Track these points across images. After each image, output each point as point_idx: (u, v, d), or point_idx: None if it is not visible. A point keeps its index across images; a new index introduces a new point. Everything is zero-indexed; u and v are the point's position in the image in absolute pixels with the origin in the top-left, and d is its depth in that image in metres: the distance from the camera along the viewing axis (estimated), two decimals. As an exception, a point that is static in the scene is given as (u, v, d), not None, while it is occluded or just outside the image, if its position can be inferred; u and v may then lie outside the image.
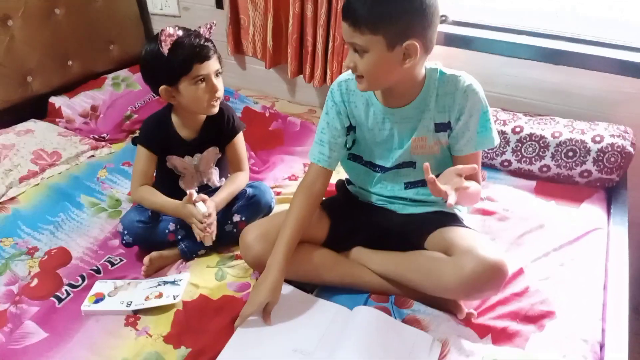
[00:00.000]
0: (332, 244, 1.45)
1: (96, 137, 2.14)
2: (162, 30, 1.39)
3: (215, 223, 1.43)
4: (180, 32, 1.39)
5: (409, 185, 1.44)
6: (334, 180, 1.54)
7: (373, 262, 1.40)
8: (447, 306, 1.31)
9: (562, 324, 1.30)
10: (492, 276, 1.20)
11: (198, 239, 1.44)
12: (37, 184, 1.84)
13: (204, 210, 1.39)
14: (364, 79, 1.23)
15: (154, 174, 1.56)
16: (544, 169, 1.86)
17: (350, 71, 1.36)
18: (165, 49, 1.37)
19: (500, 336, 1.27)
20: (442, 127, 1.32)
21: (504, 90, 2.07)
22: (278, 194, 1.79)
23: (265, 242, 1.35)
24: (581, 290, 1.40)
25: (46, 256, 1.53)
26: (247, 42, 2.45)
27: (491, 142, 1.32)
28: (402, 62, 1.18)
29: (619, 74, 1.88)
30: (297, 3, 2.17)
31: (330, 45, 2.18)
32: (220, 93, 1.46)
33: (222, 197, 1.50)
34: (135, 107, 2.28)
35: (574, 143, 1.80)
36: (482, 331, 1.28)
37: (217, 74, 1.45)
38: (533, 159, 1.86)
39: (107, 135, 2.15)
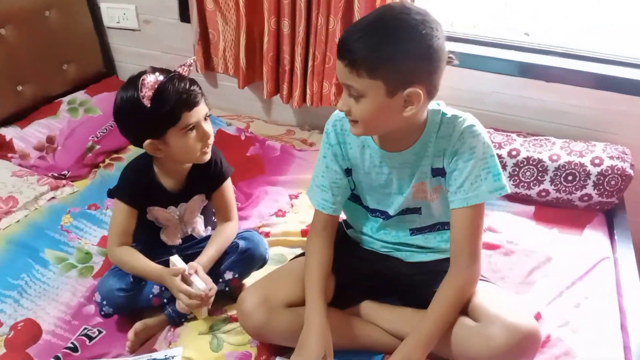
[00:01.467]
0: (340, 302, 1.32)
1: (55, 174, 1.92)
2: (140, 78, 1.21)
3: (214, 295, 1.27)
4: (161, 77, 1.22)
5: (415, 231, 1.33)
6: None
7: (384, 320, 1.29)
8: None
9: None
10: (526, 346, 1.10)
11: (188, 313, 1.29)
12: (-8, 237, 1.63)
13: (202, 286, 1.24)
14: (358, 124, 1.10)
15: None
16: (543, 193, 1.78)
17: None
18: (147, 100, 1.20)
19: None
20: (439, 172, 1.20)
21: (495, 109, 1.98)
22: (267, 235, 1.65)
23: (266, 309, 1.21)
24: (600, 334, 1.34)
25: (12, 332, 1.34)
26: (217, 59, 2.27)
27: (482, 197, 1.13)
28: (402, 110, 1.06)
29: (614, 91, 1.83)
30: (272, 19, 2.02)
31: (310, 64, 2.04)
32: (212, 139, 1.31)
33: (210, 256, 1.34)
34: (97, 137, 2.07)
35: (573, 166, 1.74)
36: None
37: (205, 117, 1.29)
38: (531, 184, 1.78)
39: (68, 172, 1.94)
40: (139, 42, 2.47)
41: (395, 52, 0.99)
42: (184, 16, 2.31)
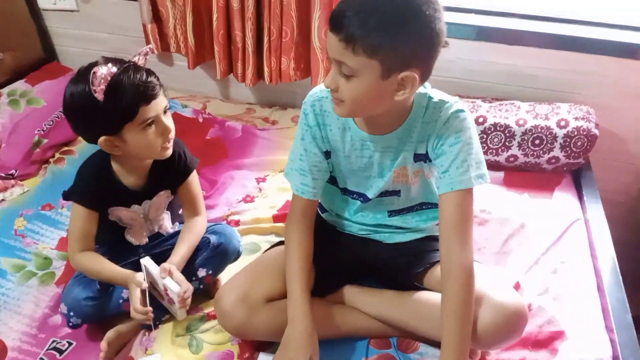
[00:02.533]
0: (320, 290, 1.28)
1: (2, 175, 1.79)
2: (91, 70, 1.10)
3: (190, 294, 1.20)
4: (114, 69, 1.11)
5: (393, 213, 1.29)
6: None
7: (368, 305, 1.26)
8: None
9: (573, 345, 1.23)
10: (513, 324, 1.09)
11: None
12: (-61, 249, 1.51)
13: (176, 289, 1.17)
14: (344, 104, 1.03)
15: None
16: (511, 159, 1.78)
17: (322, 87, 1.17)
18: (100, 95, 1.09)
19: (519, 370, 1.19)
20: (421, 157, 1.16)
21: (459, 75, 1.95)
22: (237, 223, 1.59)
23: (246, 307, 1.15)
24: (579, 299, 1.35)
25: (-27, 353, 1.25)
26: (169, 38, 2.15)
27: (468, 182, 1.08)
28: (394, 93, 1.00)
29: (577, 51, 1.82)
30: (220, -6, 1.90)
31: (266, 39, 1.94)
32: (173, 133, 1.22)
33: (182, 255, 1.27)
34: (43, 130, 1.93)
35: (539, 130, 1.73)
36: (499, 368, 1.19)
37: (165, 110, 1.20)
38: (499, 150, 1.77)
39: (16, 171, 1.80)
40: (79, 24, 2.31)
41: (397, 33, 0.91)
42: (128, -7, 2.16)
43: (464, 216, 1.10)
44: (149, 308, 1.17)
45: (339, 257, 1.31)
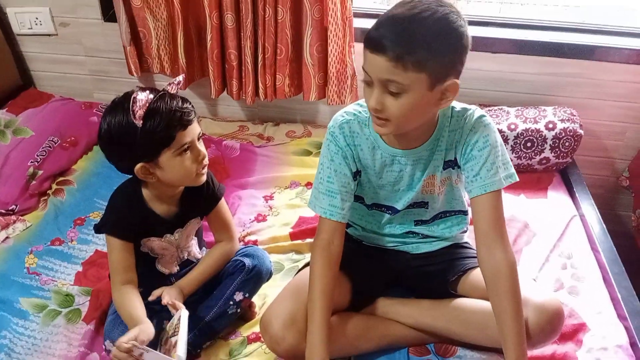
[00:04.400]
0: (355, 304, 1.33)
1: (2, 211, 1.72)
2: (130, 97, 1.12)
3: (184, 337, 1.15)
4: (151, 96, 1.13)
5: (419, 222, 1.35)
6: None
7: (405, 315, 1.30)
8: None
9: (594, 335, 1.33)
10: (556, 325, 1.17)
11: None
12: (-48, 296, 1.44)
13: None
14: (390, 122, 1.07)
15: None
16: (506, 162, 1.87)
17: (348, 110, 1.22)
18: (139, 120, 1.10)
19: (552, 364, 1.27)
20: (450, 164, 1.23)
21: (448, 84, 2.03)
22: (255, 243, 1.60)
23: (296, 330, 1.17)
24: (590, 292, 1.45)
25: (16, 401, 1.21)
26: (151, 59, 2.12)
27: (499, 183, 1.15)
28: (437, 103, 1.06)
29: (557, 56, 1.94)
30: (214, 13, 1.91)
31: (260, 57, 1.96)
32: (207, 159, 1.24)
33: (193, 277, 1.31)
34: (37, 161, 1.87)
35: (530, 133, 1.84)
36: (534, 364, 1.27)
37: (199, 137, 1.21)
38: (495, 154, 1.87)
39: (17, 206, 1.74)
40: (57, 47, 2.25)
41: (440, 45, 0.98)
42: (108, 15, 2.12)
43: (499, 216, 1.17)
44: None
45: (370, 270, 1.36)
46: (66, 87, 2.31)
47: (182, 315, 1.16)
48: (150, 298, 1.24)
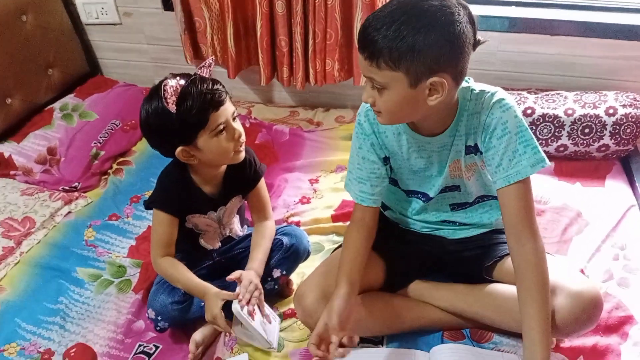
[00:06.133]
0: (390, 285, 1.33)
1: (66, 188, 1.85)
2: (162, 84, 1.17)
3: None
4: (182, 81, 1.17)
5: (455, 207, 1.32)
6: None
7: (440, 299, 1.29)
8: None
9: (643, 329, 1.26)
10: (591, 313, 1.12)
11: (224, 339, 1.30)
12: (17, 262, 1.57)
13: (276, 320, 1.22)
14: (382, 115, 1.07)
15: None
16: (561, 148, 1.80)
17: None
18: (172, 106, 1.15)
19: (593, 355, 1.22)
20: (472, 149, 1.17)
21: (502, 68, 1.98)
22: (297, 224, 1.63)
23: (327, 303, 1.19)
24: (643, 283, 1.37)
25: (67, 360, 1.31)
26: (206, 47, 2.18)
27: (525, 172, 1.08)
28: (427, 99, 1.02)
29: (619, 38, 1.83)
30: (264, 1, 1.94)
31: (311, 42, 1.98)
32: (243, 137, 1.27)
33: (260, 260, 1.32)
34: (99, 142, 1.99)
35: (588, 119, 1.75)
36: (574, 354, 1.22)
37: (234, 117, 1.25)
38: (549, 140, 1.80)
39: (79, 183, 1.87)
40: (121, 36, 2.36)
41: (414, 43, 0.94)
42: (167, 4, 2.21)
43: (526, 206, 1.11)
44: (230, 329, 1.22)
45: (406, 252, 1.35)
46: (130, 74, 2.42)
47: (236, 312, 1.20)
48: (229, 278, 1.26)
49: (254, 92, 2.34)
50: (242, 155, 1.29)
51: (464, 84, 1.11)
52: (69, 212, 1.75)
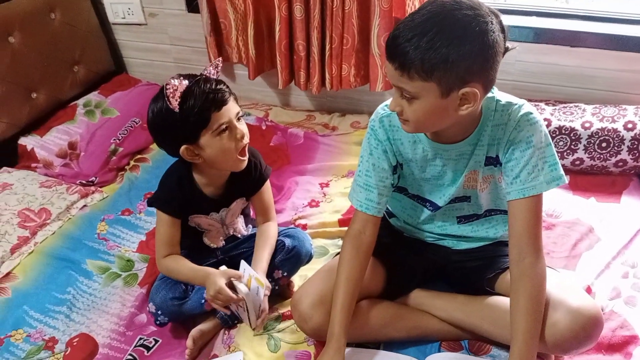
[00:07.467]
0: (390, 293, 1.32)
1: (84, 182, 1.90)
2: (165, 84, 1.20)
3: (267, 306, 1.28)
4: (185, 82, 1.20)
5: (462, 219, 1.31)
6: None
7: (439, 309, 1.28)
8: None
9: (648, 350, 1.23)
10: (590, 331, 1.10)
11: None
12: (31, 252, 1.62)
13: (244, 290, 1.22)
14: (410, 124, 1.07)
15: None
16: (577, 162, 1.77)
17: (388, 102, 1.21)
18: (175, 104, 1.18)
19: (593, 374, 1.19)
20: (492, 160, 1.17)
21: (520, 78, 1.96)
22: (304, 227, 1.64)
23: (323, 309, 1.20)
24: (653, 303, 1.34)
25: (69, 349, 1.34)
26: (231, 48, 2.22)
27: (540, 188, 1.08)
28: (457, 109, 1.02)
29: (638, 51, 1.79)
30: (284, 5, 1.96)
31: (327, 47, 2.00)
32: (247, 138, 1.28)
33: (266, 259, 1.34)
34: (118, 139, 2.04)
35: (606, 133, 1.72)
36: (573, 371, 1.20)
37: (238, 117, 1.27)
38: (565, 153, 1.77)
39: (96, 178, 1.92)
40: (146, 36, 2.42)
41: (447, 54, 0.93)
42: (192, 6, 2.25)
43: (535, 221, 1.11)
44: (237, 297, 1.23)
45: (408, 261, 1.35)
46: (153, 73, 2.48)
47: (245, 267, 1.26)
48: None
49: (272, 95, 2.37)
50: (244, 164, 1.30)
51: (488, 94, 1.10)
52: (85, 206, 1.80)
